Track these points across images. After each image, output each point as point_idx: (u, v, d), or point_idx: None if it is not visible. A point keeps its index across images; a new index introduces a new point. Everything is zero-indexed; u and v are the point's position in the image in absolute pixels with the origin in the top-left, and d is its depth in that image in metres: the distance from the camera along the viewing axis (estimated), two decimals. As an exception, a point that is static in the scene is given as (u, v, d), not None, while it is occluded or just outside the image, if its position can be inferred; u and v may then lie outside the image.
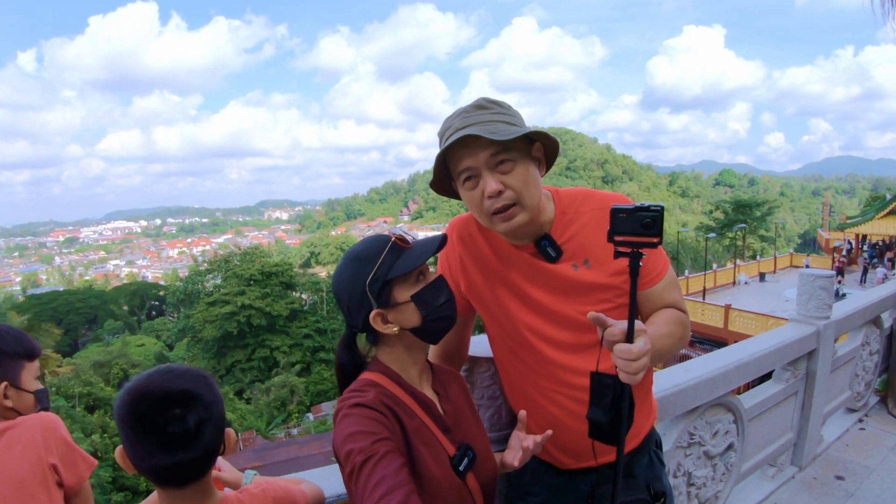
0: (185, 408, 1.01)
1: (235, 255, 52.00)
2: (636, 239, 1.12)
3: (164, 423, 1.00)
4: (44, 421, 1.38)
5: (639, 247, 1.12)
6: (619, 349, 1.12)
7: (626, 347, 1.11)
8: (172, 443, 1.00)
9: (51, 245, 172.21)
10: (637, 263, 1.13)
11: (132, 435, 1.00)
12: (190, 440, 1.01)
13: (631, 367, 1.11)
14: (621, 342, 1.12)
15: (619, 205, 1.14)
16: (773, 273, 28.43)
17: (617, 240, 1.14)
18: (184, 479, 1.05)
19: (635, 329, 1.12)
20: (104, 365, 33.04)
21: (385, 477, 1.02)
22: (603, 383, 1.19)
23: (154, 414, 1.00)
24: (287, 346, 41.55)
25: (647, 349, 1.12)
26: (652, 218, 1.09)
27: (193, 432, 1.01)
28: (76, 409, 21.49)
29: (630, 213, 1.11)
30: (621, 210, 1.12)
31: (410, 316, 1.21)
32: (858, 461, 3.60)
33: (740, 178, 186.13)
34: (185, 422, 1.01)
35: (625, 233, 1.12)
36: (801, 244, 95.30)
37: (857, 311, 3.93)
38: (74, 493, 1.39)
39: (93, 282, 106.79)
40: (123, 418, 1.00)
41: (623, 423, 1.17)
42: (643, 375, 1.14)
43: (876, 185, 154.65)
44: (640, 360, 1.11)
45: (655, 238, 1.10)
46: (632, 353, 1.10)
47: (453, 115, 1.33)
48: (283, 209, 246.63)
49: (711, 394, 2.58)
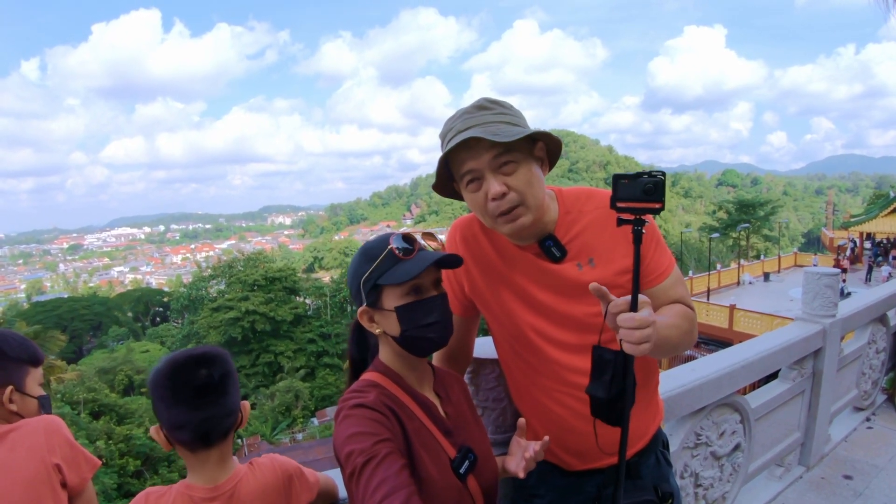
0: (209, 366, 1.22)
1: (239, 260, 52.30)
2: (638, 205, 1.12)
3: (192, 379, 1.20)
4: (47, 423, 1.40)
5: (641, 213, 1.12)
6: (622, 318, 1.10)
7: (630, 315, 1.09)
8: (201, 395, 1.20)
9: (55, 252, 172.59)
10: (640, 230, 1.13)
11: (167, 396, 1.20)
12: (216, 393, 1.22)
13: (634, 336, 1.09)
14: (625, 311, 1.11)
15: (621, 173, 1.15)
16: (777, 273, 28.32)
17: (619, 206, 1.13)
18: (211, 436, 1.23)
19: (640, 301, 1.11)
20: (109, 371, 33.20)
21: (386, 478, 1.03)
22: (604, 358, 1.19)
23: (184, 371, 1.20)
24: (291, 351, 41.67)
25: (652, 319, 1.10)
26: (654, 184, 1.09)
27: (217, 385, 1.22)
28: (81, 416, 21.53)
29: (632, 180, 1.12)
30: (623, 177, 1.13)
31: (392, 325, 1.21)
32: (866, 460, 3.58)
33: (743, 178, 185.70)
34: (210, 376, 1.21)
35: (627, 199, 1.12)
36: (804, 243, 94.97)
37: (863, 309, 3.91)
38: (78, 493, 1.40)
39: (97, 288, 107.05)
40: (158, 383, 1.20)
41: (627, 398, 1.16)
42: (648, 348, 1.11)
43: (880, 182, 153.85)
44: (643, 330, 1.09)
45: (657, 203, 1.10)
46: (634, 320, 1.08)
47: (455, 116, 1.32)
48: (287, 214, 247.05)
49: (717, 394, 2.57)
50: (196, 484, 1.24)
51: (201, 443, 1.23)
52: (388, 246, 1.20)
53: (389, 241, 1.21)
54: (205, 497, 1.23)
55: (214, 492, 1.24)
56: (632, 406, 1.19)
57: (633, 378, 1.18)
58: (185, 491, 1.23)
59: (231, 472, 1.28)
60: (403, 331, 1.20)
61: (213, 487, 1.24)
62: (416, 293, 1.20)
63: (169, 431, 1.21)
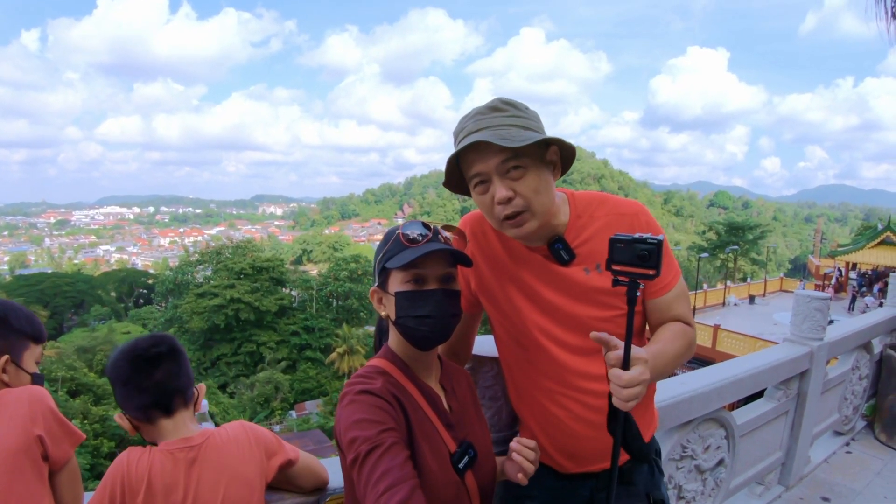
0: (159, 343, 1.38)
1: (227, 247, 51.94)
2: (633, 270, 1.12)
3: (145, 352, 1.34)
4: (31, 392, 1.34)
5: (636, 277, 1.12)
6: (612, 374, 1.11)
7: (618, 373, 1.10)
8: (155, 364, 1.34)
9: (41, 226, 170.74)
10: (634, 293, 1.12)
11: (125, 370, 1.33)
12: (168, 361, 1.36)
13: (622, 394, 1.10)
14: (617, 368, 1.11)
15: (619, 235, 1.14)
16: (762, 296, 28.57)
17: (615, 269, 1.14)
18: (170, 403, 1.35)
19: (635, 357, 1.12)
20: (89, 350, 32.77)
21: (390, 469, 1.03)
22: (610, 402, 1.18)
23: (137, 348, 1.35)
24: (274, 342, 41.40)
25: (642, 378, 1.11)
26: (648, 251, 1.09)
27: (167, 354, 1.36)
28: (58, 394, 21.30)
29: (627, 245, 1.11)
30: (619, 241, 1.13)
31: (392, 309, 1.22)
32: (845, 483, 3.62)
33: (735, 201, 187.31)
34: (160, 349, 1.36)
35: (622, 262, 1.13)
36: (791, 269, 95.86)
37: (850, 335, 3.97)
38: (60, 467, 1.34)
39: (82, 266, 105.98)
40: (117, 364, 1.35)
41: (616, 446, 1.17)
42: (634, 405, 1.12)
43: (868, 214, 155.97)
44: (631, 389, 1.09)
45: (651, 270, 1.10)
46: (622, 379, 1.09)
47: (468, 115, 1.32)
48: (278, 205, 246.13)
49: (705, 408, 2.59)
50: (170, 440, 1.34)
51: (162, 410, 1.34)
52: (396, 231, 1.21)
53: (398, 226, 1.22)
54: (181, 447, 1.31)
55: (188, 442, 1.33)
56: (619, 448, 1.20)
57: (636, 430, 1.23)
58: (162, 447, 1.31)
59: (200, 431, 1.38)
60: (398, 317, 1.20)
61: (186, 438, 1.34)
62: (417, 283, 1.19)
63: (131, 403, 1.34)
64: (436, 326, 1.20)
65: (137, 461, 1.26)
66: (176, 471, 1.28)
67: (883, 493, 3.53)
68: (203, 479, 1.30)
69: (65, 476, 1.36)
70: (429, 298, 1.19)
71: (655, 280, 1.41)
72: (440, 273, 1.21)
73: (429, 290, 1.19)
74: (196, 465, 1.30)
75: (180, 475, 1.28)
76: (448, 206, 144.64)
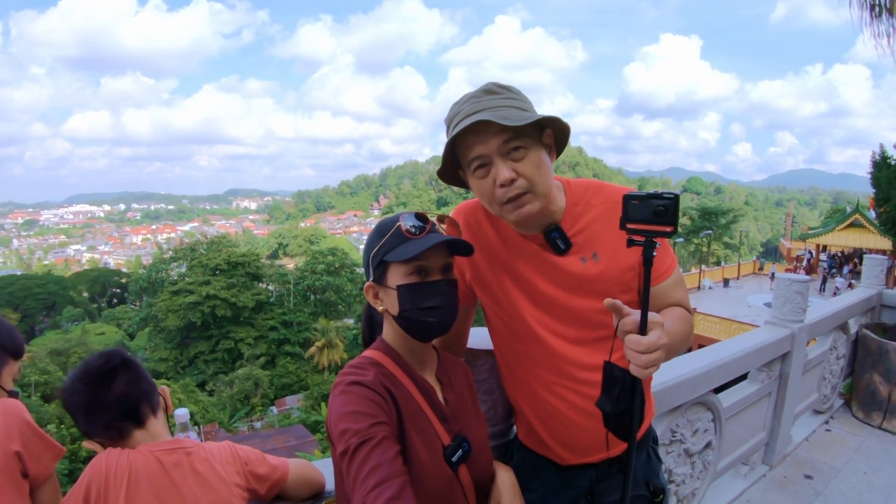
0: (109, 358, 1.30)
1: (201, 243, 51.24)
2: (649, 227, 1.07)
3: (98, 370, 1.28)
4: (5, 406, 1.26)
5: (652, 235, 1.08)
6: (629, 339, 1.07)
7: (636, 338, 1.06)
8: (111, 378, 1.27)
9: (9, 227, 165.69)
10: (651, 252, 1.09)
11: (83, 392, 1.26)
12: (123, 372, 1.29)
13: (640, 360, 1.05)
14: (634, 333, 1.08)
15: (632, 192, 1.11)
16: (736, 279, 29.08)
17: (629, 227, 1.09)
18: (137, 410, 1.29)
19: (652, 321, 1.07)
20: (62, 353, 32.06)
21: (380, 464, 1.01)
22: (613, 374, 1.14)
23: (90, 371, 1.28)
24: (252, 338, 41.04)
25: (662, 343, 1.07)
26: (664, 206, 1.04)
27: (121, 366, 1.30)
28: (32, 399, 20.83)
29: (642, 201, 1.07)
30: (634, 197, 1.09)
31: (393, 304, 1.20)
32: (825, 461, 3.71)
33: (707, 186, 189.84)
34: (111, 362, 1.29)
35: (637, 220, 1.08)
36: (763, 252, 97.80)
37: (828, 316, 4.05)
38: (40, 483, 1.28)
39: (52, 266, 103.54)
40: (73, 388, 1.27)
41: (634, 418, 1.13)
42: (654, 371, 1.09)
43: (837, 198, 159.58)
44: (651, 354, 1.05)
45: (669, 227, 1.05)
46: (641, 344, 1.05)
47: (461, 100, 1.28)
48: (252, 199, 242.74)
49: (693, 392, 2.62)
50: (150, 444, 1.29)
51: (132, 421, 1.29)
52: (398, 223, 1.18)
53: (400, 219, 1.19)
54: (164, 448, 1.27)
55: (175, 444, 1.30)
56: (640, 424, 1.17)
57: (643, 397, 1.15)
58: (142, 448, 1.26)
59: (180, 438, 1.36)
60: (402, 311, 1.18)
61: (172, 441, 1.31)
62: (420, 274, 1.17)
63: (97, 424, 1.27)
64: (442, 316, 1.19)
65: (117, 461, 1.20)
66: (160, 471, 1.23)
67: (863, 469, 3.61)
68: (184, 485, 1.24)
69: (47, 490, 1.31)
70: (435, 289, 1.18)
71: (654, 268, 1.40)
72: (441, 263, 1.20)
73: (434, 281, 1.19)
74: (178, 469, 1.25)
75: (164, 476, 1.23)
76: (424, 197, 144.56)
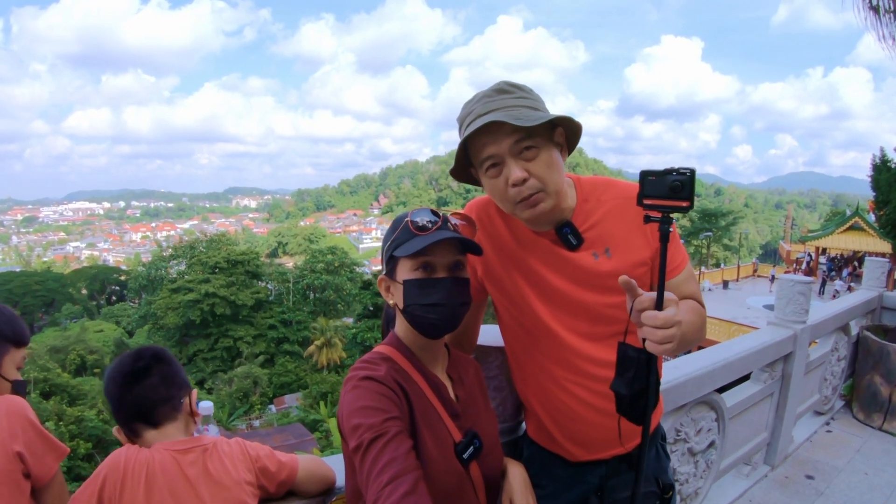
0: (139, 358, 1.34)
1: (201, 241, 51.27)
2: (666, 203, 1.07)
3: (127, 368, 1.32)
4: (8, 404, 1.22)
5: (669, 211, 1.08)
6: (646, 315, 1.07)
7: (654, 313, 1.06)
8: (136, 379, 1.30)
9: (8, 224, 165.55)
10: (667, 228, 1.09)
11: (112, 390, 1.31)
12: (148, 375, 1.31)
13: (657, 335, 1.05)
14: (650, 309, 1.08)
15: (649, 169, 1.11)
16: (736, 281, 29.13)
17: (646, 203, 1.10)
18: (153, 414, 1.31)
19: (666, 299, 1.07)
20: (61, 350, 32.11)
21: (394, 460, 1.02)
22: (628, 355, 1.14)
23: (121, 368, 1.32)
24: (251, 336, 40.96)
25: (678, 319, 1.06)
26: (681, 181, 1.04)
27: (150, 367, 1.33)
28: (31, 396, 20.80)
29: (659, 177, 1.07)
30: (650, 173, 1.09)
31: (400, 297, 1.20)
32: (827, 461, 3.72)
33: (707, 188, 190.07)
34: (139, 362, 1.33)
35: (654, 196, 1.09)
36: (762, 254, 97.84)
37: (830, 318, 4.07)
38: (44, 483, 1.24)
39: (51, 263, 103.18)
40: (107, 383, 1.33)
41: (650, 398, 1.13)
42: (671, 348, 1.08)
43: (836, 200, 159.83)
44: (667, 330, 1.05)
45: (685, 202, 1.05)
46: (658, 319, 1.05)
47: (473, 99, 1.30)
48: (252, 197, 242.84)
49: (698, 391, 2.63)
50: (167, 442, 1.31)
51: (146, 423, 1.31)
52: (406, 218, 1.20)
53: (410, 214, 1.20)
54: (181, 448, 1.29)
55: (191, 443, 1.31)
56: (655, 405, 1.17)
57: (657, 377, 1.15)
58: (160, 446, 1.28)
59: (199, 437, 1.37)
60: (406, 306, 1.19)
61: (188, 439, 1.33)
62: (426, 270, 1.18)
63: (118, 418, 1.32)
64: (445, 314, 1.18)
65: (136, 457, 1.21)
66: (176, 470, 1.24)
67: (864, 470, 3.63)
68: (199, 484, 1.26)
69: (52, 492, 1.28)
70: (438, 286, 1.18)
71: (667, 262, 1.41)
72: (449, 261, 1.20)
73: (438, 278, 1.18)
74: (194, 468, 1.27)
75: (180, 475, 1.24)
76: (424, 196, 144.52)
